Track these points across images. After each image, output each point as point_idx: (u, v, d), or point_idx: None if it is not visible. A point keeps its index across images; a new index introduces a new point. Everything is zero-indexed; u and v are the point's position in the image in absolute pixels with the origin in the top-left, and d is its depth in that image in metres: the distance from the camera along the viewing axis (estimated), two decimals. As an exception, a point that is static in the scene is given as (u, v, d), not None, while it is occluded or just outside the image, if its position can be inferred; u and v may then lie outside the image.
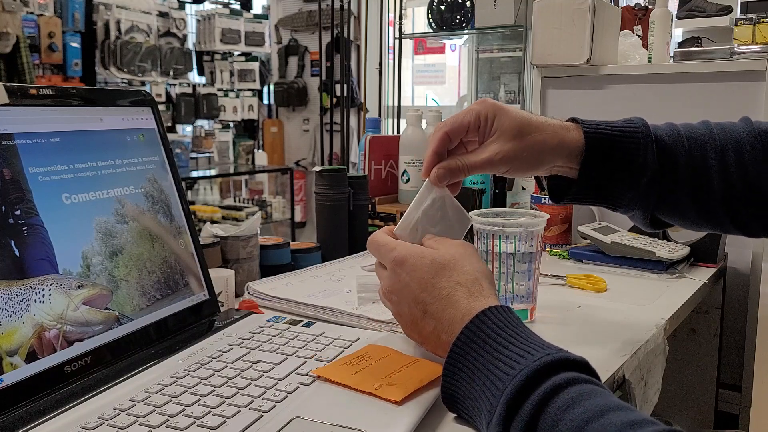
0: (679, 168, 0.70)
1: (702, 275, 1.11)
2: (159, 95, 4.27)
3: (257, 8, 5.01)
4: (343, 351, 0.68)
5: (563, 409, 0.45)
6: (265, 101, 5.06)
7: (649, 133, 0.70)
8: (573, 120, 0.72)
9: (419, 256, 0.63)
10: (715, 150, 0.70)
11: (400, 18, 3.83)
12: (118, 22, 4.01)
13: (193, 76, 4.63)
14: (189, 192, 4.45)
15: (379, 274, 0.68)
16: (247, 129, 4.99)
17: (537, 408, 0.46)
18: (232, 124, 4.89)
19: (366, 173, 1.45)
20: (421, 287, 0.62)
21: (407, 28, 4.35)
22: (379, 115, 4.09)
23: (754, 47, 1.37)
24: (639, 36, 1.74)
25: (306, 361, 0.65)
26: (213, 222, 4.14)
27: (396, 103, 3.86)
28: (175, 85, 4.43)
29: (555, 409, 0.46)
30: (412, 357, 0.65)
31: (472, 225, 0.84)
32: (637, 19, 2.20)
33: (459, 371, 0.54)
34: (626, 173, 0.70)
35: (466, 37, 3.97)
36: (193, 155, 4.63)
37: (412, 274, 0.63)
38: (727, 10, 3.05)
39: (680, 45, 2.89)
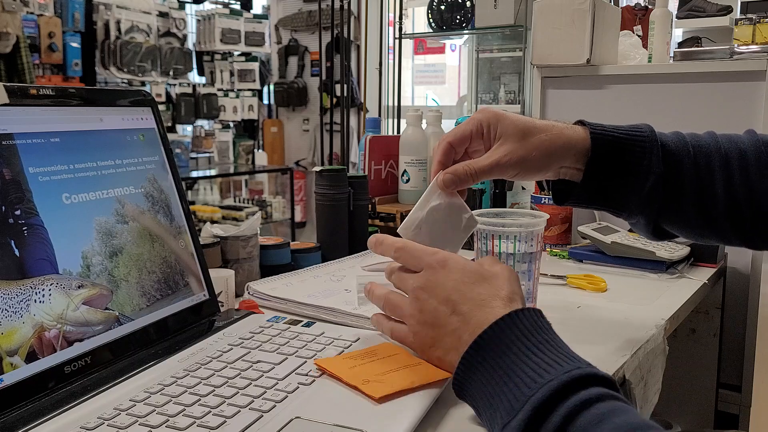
0: (683, 174, 0.70)
1: (702, 275, 1.11)
2: (159, 95, 4.27)
3: (257, 8, 5.01)
4: (342, 351, 0.68)
5: (593, 424, 0.45)
6: (265, 101, 5.06)
7: (655, 138, 0.71)
8: (580, 122, 0.73)
9: (462, 263, 0.64)
10: (719, 158, 0.70)
11: (400, 18, 3.83)
12: (118, 22, 4.01)
13: (193, 76, 4.63)
14: (189, 192, 4.45)
15: (401, 275, 0.68)
16: (247, 129, 5.00)
17: (566, 420, 0.46)
18: (232, 124, 4.89)
19: (366, 173, 1.45)
20: (455, 289, 0.61)
21: (407, 28, 4.35)
22: (379, 115, 4.09)
23: (754, 47, 1.37)
24: (639, 36, 1.74)
25: (306, 361, 0.65)
26: (213, 222, 4.15)
27: (396, 103, 3.86)
28: (175, 85, 4.43)
29: (585, 422, 0.46)
30: (418, 359, 0.65)
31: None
32: (637, 19, 2.20)
33: (479, 364, 0.54)
34: (631, 176, 0.70)
35: (466, 37, 3.97)
36: (193, 155, 4.63)
37: (449, 275, 0.63)
38: (727, 10, 3.05)
39: (680, 45, 2.90)
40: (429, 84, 4.75)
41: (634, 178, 0.70)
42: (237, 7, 4.80)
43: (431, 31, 3.67)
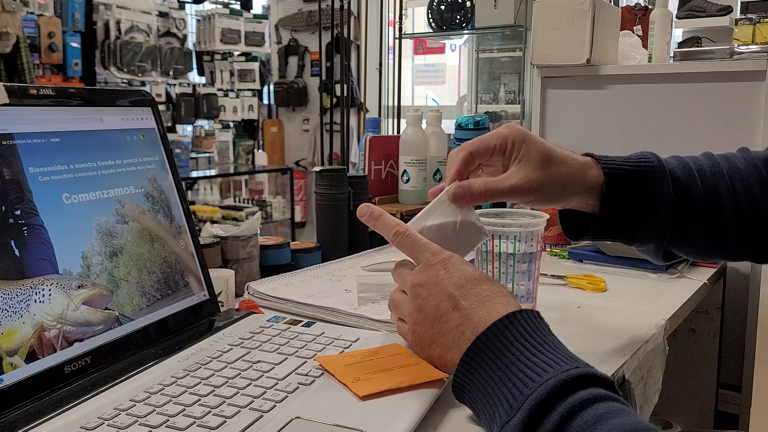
0: (693, 200, 0.71)
1: (702, 275, 1.11)
2: (159, 95, 4.28)
3: (257, 8, 5.01)
4: (342, 351, 0.68)
5: (591, 424, 0.45)
6: (265, 101, 5.06)
7: (664, 167, 0.71)
8: (589, 155, 0.72)
9: (463, 265, 0.64)
10: (723, 180, 0.71)
11: (400, 18, 3.83)
12: (118, 22, 4.01)
13: (193, 76, 4.63)
14: (189, 192, 4.45)
15: (401, 272, 0.68)
16: (247, 129, 5.00)
17: (563, 419, 0.46)
18: (232, 124, 4.89)
19: (366, 173, 1.45)
20: (457, 285, 0.61)
21: (407, 28, 4.35)
22: (379, 115, 4.09)
23: (754, 47, 1.37)
24: (639, 36, 1.74)
25: (306, 361, 0.65)
26: (213, 222, 4.15)
27: (396, 103, 3.86)
28: (175, 85, 4.43)
29: (583, 422, 0.46)
30: (418, 359, 0.65)
31: None
32: (637, 19, 2.21)
33: (478, 365, 0.54)
34: (645, 208, 0.70)
35: (466, 37, 3.97)
36: (193, 155, 4.63)
37: (453, 272, 0.62)
38: (727, 10, 3.05)
39: (680, 45, 2.90)
40: (429, 84, 4.75)
41: (648, 209, 0.70)
42: (237, 7, 4.81)
43: (431, 31, 3.67)
